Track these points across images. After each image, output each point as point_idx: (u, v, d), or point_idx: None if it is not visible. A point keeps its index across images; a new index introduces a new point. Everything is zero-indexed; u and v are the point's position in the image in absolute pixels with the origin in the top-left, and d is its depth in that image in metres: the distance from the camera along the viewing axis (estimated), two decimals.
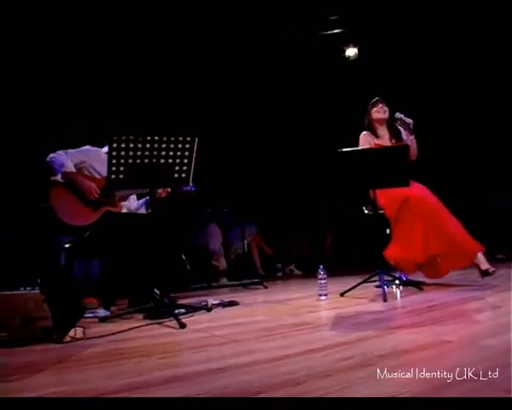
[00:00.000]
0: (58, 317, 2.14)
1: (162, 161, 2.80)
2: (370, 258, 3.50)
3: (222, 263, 5.98)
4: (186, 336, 2.17)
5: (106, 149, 3.44)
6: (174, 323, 2.46)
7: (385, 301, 2.89)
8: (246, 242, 6.04)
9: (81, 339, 2.19)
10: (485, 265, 3.31)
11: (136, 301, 3.21)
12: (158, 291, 3.09)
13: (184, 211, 5.46)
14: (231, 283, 4.89)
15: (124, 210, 3.50)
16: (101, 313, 3.17)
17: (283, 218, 6.90)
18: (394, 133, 3.88)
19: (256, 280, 4.96)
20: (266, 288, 4.75)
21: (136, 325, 2.53)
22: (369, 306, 2.79)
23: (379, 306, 2.75)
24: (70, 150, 3.36)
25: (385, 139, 3.89)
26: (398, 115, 3.73)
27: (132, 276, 3.30)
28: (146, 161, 2.76)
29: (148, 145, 2.74)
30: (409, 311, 2.46)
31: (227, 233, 6.27)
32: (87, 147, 3.50)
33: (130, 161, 2.72)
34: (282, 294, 4.10)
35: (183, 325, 2.41)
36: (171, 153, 2.81)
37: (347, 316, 2.43)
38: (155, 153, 2.76)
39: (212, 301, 3.40)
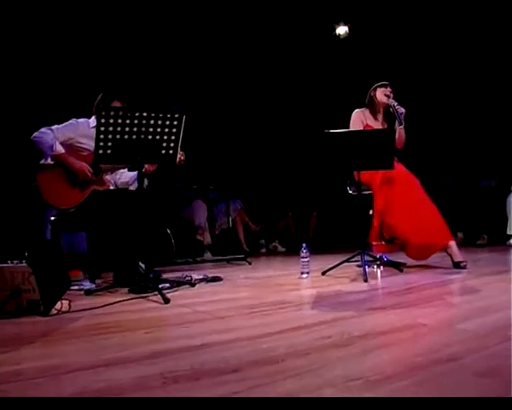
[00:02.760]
0: (45, 290, 2.17)
1: (150, 136, 2.81)
2: (354, 237, 3.58)
3: (206, 238, 6.03)
4: (170, 311, 2.22)
5: (93, 120, 3.46)
6: (158, 298, 2.51)
7: (365, 281, 2.97)
8: (231, 217, 6.08)
9: (67, 312, 2.22)
10: (457, 257, 3.46)
11: (122, 274, 3.25)
12: (143, 265, 3.16)
13: (171, 186, 5.48)
14: (215, 258, 4.93)
15: (111, 186, 3.51)
16: (87, 285, 3.22)
17: (269, 195, 6.95)
18: (388, 119, 3.92)
19: (240, 256, 5.01)
20: (250, 264, 4.82)
21: (121, 299, 2.56)
22: (349, 286, 2.86)
23: (359, 286, 2.82)
24: (55, 126, 3.31)
25: (378, 123, 3.94)
26: (392, 102, 3.78)
27: (118, 250, 3.32)
28: (134, 136, 2.76)
29: (136, 121, 2.74)
30: (388, 292, 2.53)
31: (212, 208, 6.31)
32: (72, 120, 3.46)
33: (118, 136, 2.73)
34: (265, 271, 4.17)
35: (167, 300, 2.45)
36: (158, 129, 2.82)
37: (328, 295, 2.49)
38: (143, 128, 2.77)
39: (195, 276, 3.46)
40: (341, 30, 7.70)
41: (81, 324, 1.98)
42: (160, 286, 2.83)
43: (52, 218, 3.40)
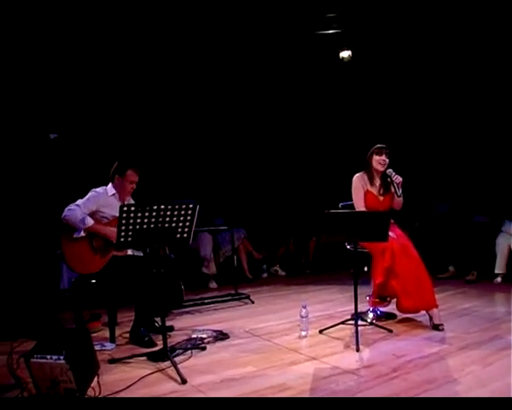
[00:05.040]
0: (80, 380, 2.55)
1: (166, 224, 3.15)
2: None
3: (212, 268, 6.43)
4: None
5: (110, 187, 3.83)
6: (175, 374, 2.89)
7: (357, 350, 3.35)
8: (235, 245, 6.44)
9: (97, 397, 2.60)
10: (437, 320, 3.88)
11: (138, 328, 3.70)
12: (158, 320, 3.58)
13: None
14: (221, 298, 5.28)
15: (129, 251, 3.87)
16: (108, 346, 3.60)
17: (271, 223, 7.33)
18: (385, 185, 4.25)
19: (243, 295, 5.38)
20: (253, 303, 5.19)
21: (143, 375, 2.94)
22: (342, 358, 3.22)
23: (351, 359, 3.20)
24: (79, 202, 3.67)
25: (375, 187, 4.27)
26: (390, 173, 4.11)
27: (136, 308, 3.73)
28: (152, 225, 3.11)
29: (154, 213, 3.09)
30: (376, 377, 2.88)
31: (217, 236, 6.66)
32: (93, 192, 3.81)
33: (138, 226, 3.07)
34: (266, 318, 4.51)
35: (184, 381, 2.83)
36: (174, 218, 3.16)
37: (322, 378, 2.86)
38: (160, 218, 3.11)
39: (203, 334, 3.84)
40: (345, 54, 7.94)
41: None
42: (174, 354, 3.22)
43: (73, 280, 3.76)
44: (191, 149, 7.00)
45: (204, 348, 3.53)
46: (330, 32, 7.05)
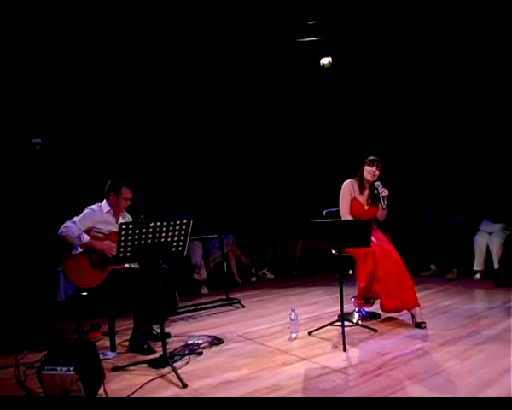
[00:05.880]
0: (89, 390, 2.75)
1: (162, 239, 3.36)
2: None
3: (202, 274, 6.63)
4: None
5: (104, 204, 4.02)
6: (176, 379, 3.10)
7: (344, 350, 3.60)
8: (224, 251, 6.65)
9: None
10: (419, 318, 4.13)
11: (137, 336, 3.92)
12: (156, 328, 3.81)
13: None
14: (213, 304, 5.48)
15: (126, 264, 4.06)
16: (110, 355, 3.81)
17: (258, 228, 7.56)
18: (372, 196, 4.49)
19: (235, 300, 5.60)
20: (244, 307, 5.41)
21: (144, 380, 3.14)
22: (330, 358, 3.46)
23: (338, 358, 3.44)
24: (75, 219, 3.85)
25: (363, 197, 4.51)
26: (377, 185, 4.37)
27: (135, 316, 3.93)
28: (149, 241, 3.31)
29: (151, 229, 3.29)
30: (362, 374, 3.12)
31: (206, 243, 6.86)
32: (88, 210, 3.99)
33: (136, 242, 3.27)
34: (257, 322, 4.73)
35: (185, 385, 3.05)
36: (170, 233, 3.36)
37: (312, 378, 3.09)
38: (157, 234, 3.31)
39: (199, 340, 4.05)
40: (325, 60, 8.16)
41: None
42: (173, 360, 3.43)
43: (82, 293, 3.94)
44: (178, 159, 7.19)
45: (201, 354, 3.75)
46: (311, 39, 7.26)
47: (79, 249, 3.78)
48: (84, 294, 3.86)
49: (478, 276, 6.22)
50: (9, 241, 4.84)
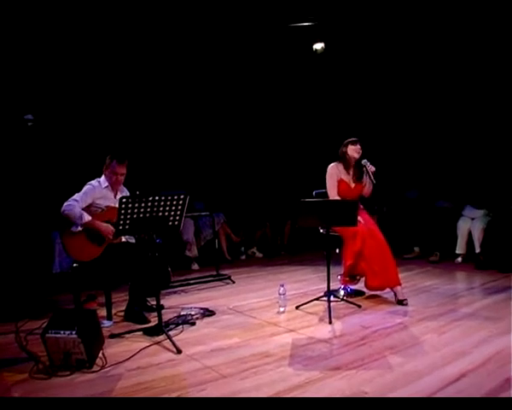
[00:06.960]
0: (90, 352, 2.94)
1: (160, 213, 3.52)
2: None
3: (194, 251, 6.81)
4: (186, 367, 3.00)
5: (103, 179, 4.17)
6: (171, 345, 3.30)
7: (330, 322, 3.82)
8: (215, 229, 6.82)
9: (106, 366, 3.00)
10: (401, 296, 4.38)
11: (133, 307, 4.11)
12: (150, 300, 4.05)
13: None
14: (204, 279, 5.68)
15: (123, 238, 4.22)
16: (106, 323, 3.99)
17: (248, 208, 7.74)
18: (358, 174, 4.70)
19: (225, 276, 5.80)
20: (234, 282, 5.61)
21: (141, 346, 3.34)
22: (316, 330, 3.68)
23: (324, 330, 3.66)
24: (76, 196, 3.96)
25: (349, 177, 4.71)
26: (365, 163, 4.56)
27: (131, 288, 4.11)
28: (147, 215, 3.47)
29: (149, 203, 3.45)
30: (345, 344, 3.34)
31: (198, 221, 7.03)
32: (89, 185, 4.12)
33: (135, 215, 3.43)
34: (247, 296, 4.94)
35: (179, 351, 3.24)
36: (167, 207, 3.53)
37: (299, 346, 3.31)
38: (155, 208, 3.48)
39: (192, 311, 4.24)
40: (318, 46, 8.29)
41: (123, 385, 2.75)
42: (167, 329, 3.62)
43: (74, 265, 4.09)
44: (171, 137, 7.32)
45: (193, 324, 3.95)
46: (304, 24, 7.38)
47: (79, 228, 3.92)
48: (75, 265, 3.99)
49: (460, 259, 6.47)
50: (5, 213, 4.97)
